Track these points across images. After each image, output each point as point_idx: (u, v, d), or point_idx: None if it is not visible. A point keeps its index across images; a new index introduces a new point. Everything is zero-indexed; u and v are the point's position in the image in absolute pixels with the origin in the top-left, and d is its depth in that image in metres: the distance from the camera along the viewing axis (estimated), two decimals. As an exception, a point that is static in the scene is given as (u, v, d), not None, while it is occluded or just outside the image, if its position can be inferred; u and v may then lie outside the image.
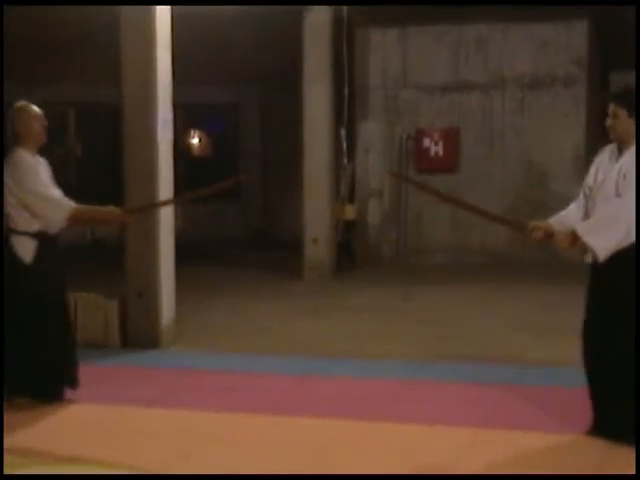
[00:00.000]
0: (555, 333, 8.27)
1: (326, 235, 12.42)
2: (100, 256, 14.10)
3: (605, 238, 5.12)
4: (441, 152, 13.19)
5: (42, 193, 5.94)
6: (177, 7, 8.24)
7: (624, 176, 5.14)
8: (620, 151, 5.30)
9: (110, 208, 6.31)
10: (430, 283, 11.79)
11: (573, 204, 5.54)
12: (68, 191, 6.34)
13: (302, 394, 6.65)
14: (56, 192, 6.08)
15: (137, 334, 8.12)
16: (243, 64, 15.13)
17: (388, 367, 7.39)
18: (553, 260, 12.12)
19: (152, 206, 7.74)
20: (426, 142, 13.22)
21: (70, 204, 6.06)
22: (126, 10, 7.95)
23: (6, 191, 5.91)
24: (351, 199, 13.42)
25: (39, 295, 6.05)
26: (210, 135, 18.03)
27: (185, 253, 8.91)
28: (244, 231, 17.05)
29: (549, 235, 5.43)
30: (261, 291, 11.36)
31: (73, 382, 6.32)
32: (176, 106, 8.33)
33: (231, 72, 15.72)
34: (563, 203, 11.80)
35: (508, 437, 5.46)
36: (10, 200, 5.91)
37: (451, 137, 13.19)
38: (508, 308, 9.85)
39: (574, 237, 5.24)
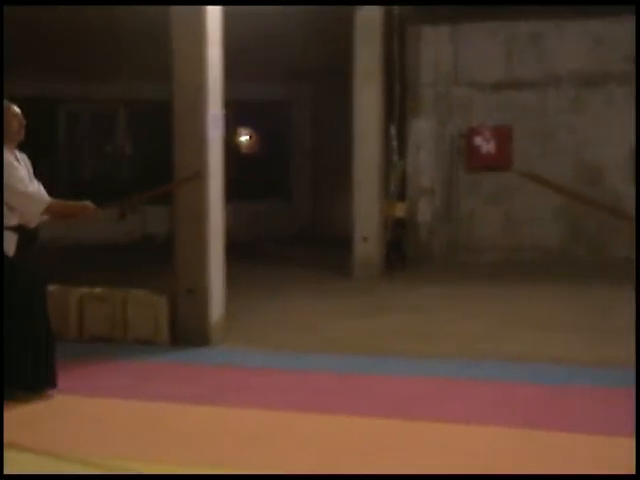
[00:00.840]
0: (604, 332, 8.17)
1: (376, 233, 12.36)
2: (150, 252, 14.18)
3: None
4: (493, 150, 13.06)
5: (18, 189, 6.07)
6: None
7: None
8: None
9: (84, 203, 6.46)
10: (481, 281, 11.69)
11: None
12: (117, 188, 6.41)
13: (350, 392, 6.61)
14: (33, 187, 6.22)
15: (186, 331, 8.13)
16: (294, 61, 15.12)
17: (436, 365, 7.34)
18: (605, 257, 11.96)
19: (124, 203, 7.75)
20: (478, 140, 13.09)
21: (45, 198, 6.24)
22: (177, 7, 7.96)
23: None
24: (401, 197, 13.34)
25: (25, 289, 6.20)
26: (260, 133, 18.04)
27: (235, 251, 8.91)
28: (294, 229, 17.05)
29: None
30: (311, 289, 11.33)
31: (54, 381, 6.36)
32: (226, 103, 8.33)
33: (282, 69, 15.72)
34: (617, 201, 11.58)
35: (551, 439, 5.36)
36: None
37: (504, 135, 13.05)
38: (559, 306, 9.72)
39: None
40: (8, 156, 6.14)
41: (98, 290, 8.58)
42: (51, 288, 8.60)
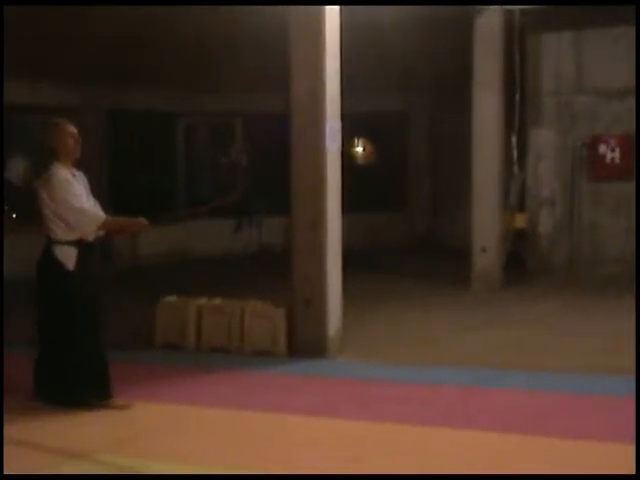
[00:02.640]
0: None
1: (495, 244, 12.14)
2: (266, 263, 14.26)
3: None
4: (618, 159, 12.67)
5: (73, 205, 6.23)
6: (345, 12, 8.16)
7: None
8: None
9: (137, 219, 6.57)
10: (604, 295, 11.34)
11: None
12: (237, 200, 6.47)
13: (470, 406, 6.49)
14: (88, 204, 6.36)
15: (304, 343, 8.11)
16: (412, 71, 15.02)
17: (560, 380, 7.17)
18: None
19: (174, 218, 7.89)
20: (602, 149, 12.71)
21: (100, 215, 6.37)
22: (295, 15, 7.94)
23: (42, 204, 6.28)
24: (521, 208, 13.08)
25: (84, 300, 6.35)
26: (378, 143, 17.97)
27: (352, 262, 8.85)
28: (411, 240, 16.91)
29: None
30: (428, 301, 11.19)
31: (109, 392, 6.48)
32: (344, 115, 8.26)
33: (400, 79, 15.63)
34: None
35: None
36: (46, 212, 6.27)
37: (629, 143, 12.64)
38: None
39: None
40: (65, 173, 6.31)
41: (216, 301, 8.64)
42: (170, 299, 8.74)
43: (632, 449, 5.25)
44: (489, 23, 11.80)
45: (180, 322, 8.51)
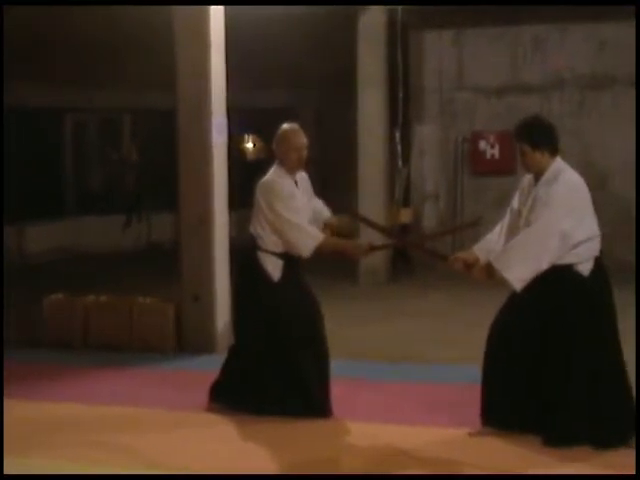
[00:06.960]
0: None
1: (382, 239, 12.30)
2: (156, 260, 14.19)
3: (519, 269, 5.27)
4: (497, 155, 13.05)
5: (291, 221, 5.90)
6: (230, 9, 8.23)
7: (534, 206, 5.29)
8: (537, 180, 5.44)
9: (357, 242, 6.42)
10: (487, 287, 11.60)
11: (498, 226, 5.69)
12: (126, 196, 6.39)
13: (356, 399, 6.61)
14: (306, 219, 6.03)
15: (192, 338, 8.15)
16: (298, 68, 15.12)
17: (449, 371, 7.37)
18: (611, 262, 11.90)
19: (412, 244, 7.63)
20: (482, 145, 13.08)
21: (318, 235, 6.01)
22: (180, 13, 7.97)
23: (259, 213, 5.97)
24: (406, 202, 13.33)
25: (291, 312, 6.05)
26: (265, 140, 18.03)
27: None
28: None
29: (469, 267, 5.42)
30: (317, 296, 11.28)
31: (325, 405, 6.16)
32: (231, 111, 8.33)
33: (286, 76, 15.73)
34: (623, 205, 11.46)
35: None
36: (262, 221, 5.95)
37: (508, 140, 13.01)
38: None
39: (490, 270, 5.38)
40: (286, 182, 6.06)
41: (104, 298, 8.59)
42: (57, 297, 8.66)
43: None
44: (372, 21, 11.99)
45: (67, 320, 8.44)
